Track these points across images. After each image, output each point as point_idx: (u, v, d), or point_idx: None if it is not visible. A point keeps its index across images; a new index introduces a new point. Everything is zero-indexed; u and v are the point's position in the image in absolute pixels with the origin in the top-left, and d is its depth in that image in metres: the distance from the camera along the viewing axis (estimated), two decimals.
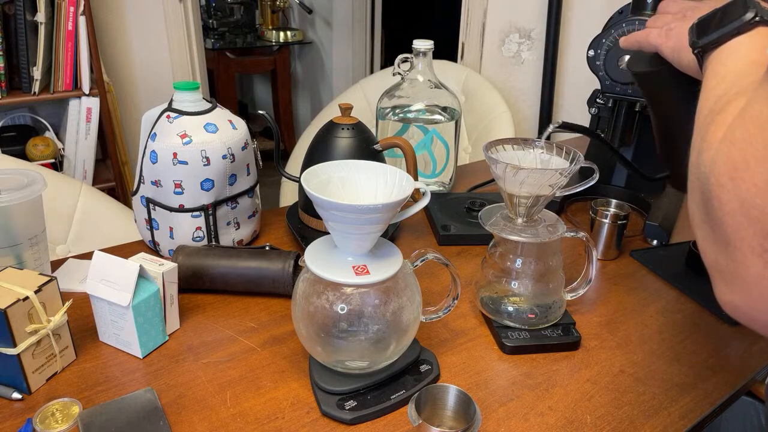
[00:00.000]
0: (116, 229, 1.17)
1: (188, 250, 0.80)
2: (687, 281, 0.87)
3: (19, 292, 0.60)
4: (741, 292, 0.35)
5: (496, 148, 0.71)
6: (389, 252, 0.61)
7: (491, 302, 0.75)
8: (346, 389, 0.62)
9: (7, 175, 0.76)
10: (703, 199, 0.36)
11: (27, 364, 0.61)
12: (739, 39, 0.44)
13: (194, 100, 0.84)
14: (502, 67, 1.98)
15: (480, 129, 1.73)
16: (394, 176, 0.61)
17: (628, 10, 0.99)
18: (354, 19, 3.23)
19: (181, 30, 2.12)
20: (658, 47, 0.59)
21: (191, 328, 0.74)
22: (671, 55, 0.57)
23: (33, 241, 0.76)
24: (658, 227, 0.98)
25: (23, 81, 1.77)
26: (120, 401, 0.61)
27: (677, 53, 0.55)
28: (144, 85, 2.14)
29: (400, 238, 0.99)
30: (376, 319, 0.59)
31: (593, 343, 0.74)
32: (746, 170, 0.32)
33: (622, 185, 1.12)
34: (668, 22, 0.58)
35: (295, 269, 0.78)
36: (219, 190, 0.84)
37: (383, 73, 1.97)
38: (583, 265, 0.74)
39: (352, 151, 0.88)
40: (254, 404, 0.63)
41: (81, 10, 1.75)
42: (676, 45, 0.55)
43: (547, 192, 0.67)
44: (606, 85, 1.02)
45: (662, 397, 0.66)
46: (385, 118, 1.09)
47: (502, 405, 0.64)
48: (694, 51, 0.48)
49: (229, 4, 3.48)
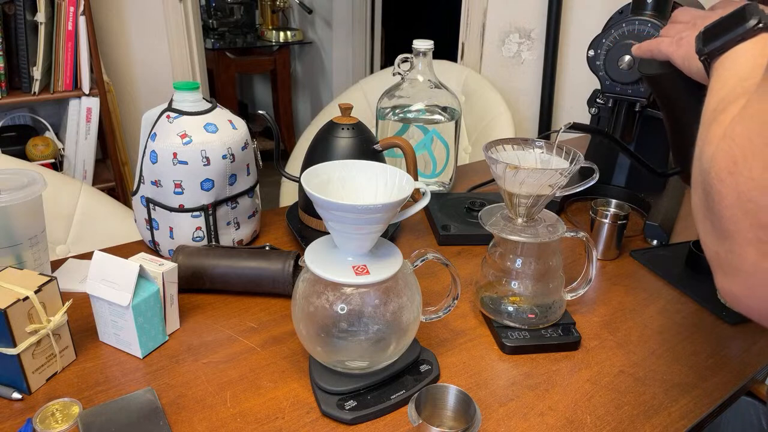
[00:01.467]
0: (116, 229, 1.17)
1: (188, 250, 0.80)
2: (687, 281, 0.87)
3: (19, 292, 0.60)
4: (739, 282, 0.36)
5: (496, 148, 0.71)
6: (389, 252, 0.61)
7: (491, 302, 0.75)
8: (346, 389, 0.62)
9: (7, 175, 0.76)
10: (705, 193, 0.38)
11: (27, 364, 0.61)
12: (743, 45, 0.46)
13: (194, 100, 0.84)
14: (502, 67, 1.98)
15: (480, 129, 1.73)
16: (394, 176, 0.61)
17: (628, 10, 0.99)
18: (354, 19, 3.23)
19: (181, 30, 2.12)
20: (670, 56, 0.60)
21: (191, 328, 0.74)
22: (682, 63, 0.59)
23: (33, 241, 0.76)
24: (658, 227, 0.98)
25: (23, 81, 1.77)
26: (120, 401, 0.60)
27: (687, 61, 0.57)
28: (144, 85, 2.14)
29: (400, 238, 0.99)
30: (376, 319, 0.59)
31: (593, 343, 0.74)
32: (744, 164, 0.34)
33: (622, 185, 1.12)
34: (680, 31, 0.60)
35: (295, 269, 0.78)
36: (219, 190, 0.84)
37: (383, 73, 1.97)
38: (583, 265, 0.74)
39: (352, 151, 0.88)
40: (254, 404, 0.63)
41: (81, 10, 1.75)
42: (687, 53, 0.57)
43: (547, 192, 0.67)
44: (606, 85, 1.02)
45: (662, 397, 0.66)
46: (385, 118, 1.09)
47: (502, 405, 0.64)
48: (700, 58, 0.50)
49: (229, 4, 3.48)
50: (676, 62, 0.60)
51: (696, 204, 0.40)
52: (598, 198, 0.97)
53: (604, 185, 1.13)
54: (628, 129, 1.05)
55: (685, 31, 0.59)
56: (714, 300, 0.82)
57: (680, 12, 0.63)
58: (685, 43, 0.58)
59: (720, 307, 0.81)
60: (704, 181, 0.38)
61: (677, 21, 0.63)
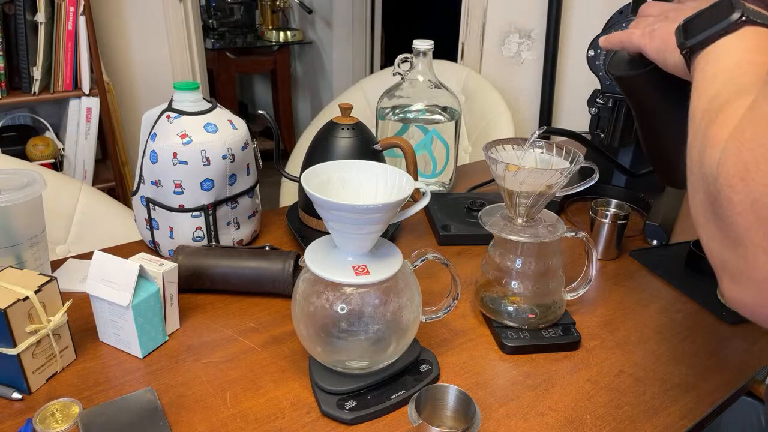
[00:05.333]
0: (116, 229, 1.17)
1: (188, 250, 0.80)
2: (687, 281, 0.87)
3: (19, 292, 0.60)
4: (750, 290, 0.35)
5: (496, 148, 0.71)
6: (389, 252, 0.61)
7: (491, 302, 0.75)
8: (346, 389, 0.62)
9: (7, 175, 0.76)
10: (709, 199, 0.37)
11: (27, 364, 0.61)
12: (726, 39, 0.45)
13: (194, 100, 0.84)
14: (502, 67, 1.98)
15: (480, 129, 1.73)
16: (394, 176, 0.61)
17: (628, 10, 0.99)
18: (354, 19, 3.23)
19: (181, 30, 2.12)
20: (642, 48, 0.58)
21: (191, 328, 0.74)
22: (656, 56, 0.57)
23: (33, 241, 0.76)
24: (658, 227, 0.98)
25: (23, 81, 1.77)
26: (120, 401, 0.60)
27: (662, 54, 0.55)
28: (144, 85, 2.14)
29: (400, 238, 0.99)
30: (376, 319, 0.59)
31: (593, 343, 0.74)
32: (757, 171, 0.33)
33: (622, 185, 1.12)
34: (650, 24, 0.58)
35: (295, 269, 0.78)
36: (219, 190, 0.84)
37: (383, 73, 1.97)
38: (583, 265, 0.74)
39: (352, 151, 0.88)
40: (254, 404, 0.63)
41: (81, 10, 1.75)
42: (661, 46, 0.55)
43: (547, 192, 0.67)
44: (606, 85, 1.02)
45: (662, 397, 0.66)
46: (385, 118, 1.09)
47: (502, 405, 0.64)
48: (682, 52, 0.49)
49: (229, 4, 3.48)
50: (649, 55, 0.57)
51: (696, 208, 0.39)
52: (598, 198, 0.97)
53: (604, 185, 1.13)
54: (628, 129, 1.05)
55: (656, 23, 0.57)
56: (714, 300, 0.82)
57: (649, 5, 0.61)
58: (659, 36, 0.55)
59: (720, 307, 0.81)
60: (709, 186, 0.37)
61: (646, 14, 0.61)
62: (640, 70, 0.61)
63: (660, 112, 0.65)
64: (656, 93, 0.63)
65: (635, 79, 0.64)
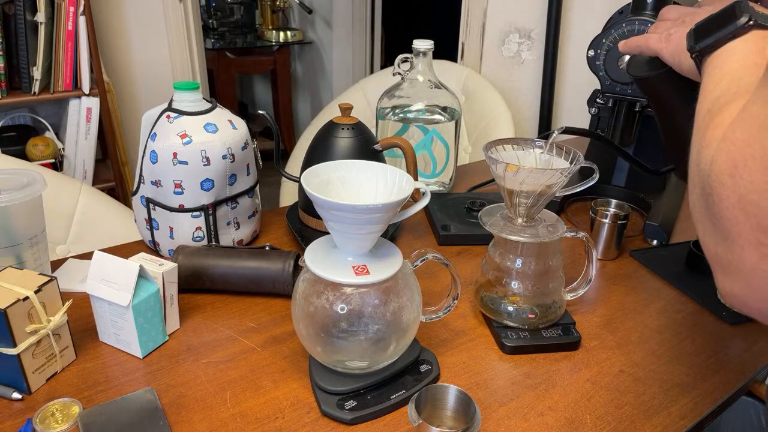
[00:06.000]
0: (116, 229, 1.17)
1: (188, 250, 0.80)
2: (687, 281, 0.87)
3: (19, 292, 0.60)
4: (739, 283, 0.37)
5: (496, 148, 0.71)
6: (389, 252, 0.61)
7: (491, 302, 0.75)
8: (346, 389, 0.62)
9: (7, 175, 0.76)
10: (704, 194, 0.38)
11: (27, 364, 0.61)
12: (734, 42, 0.46)
13: (194, 100, 0.84)
14: (502, 67, 1.98)
15: (480, 129, 1.73)
16: (394, 176, 0.61)
17: (628, 10, 0.99)
18: (354, 19, 3.23)
19: (181, 30, 2.12)
20: (659, 52, 0.60)
21: (191, 328, 0.74)
22: (671, 60, 0.59)
23: (33, 241, 0.76)
24: (658, 227, 0.98)
25: (23, 81, 1.77)
26: (120, 401, 0.61)
27: (677, 57, 0.57)
28: (144, 85, 2.14)
29: (400, 238, 0.99)
30: (376, 319, 0.59)
31: (593, 343, 0.74)
32: (744, 168, 0.34)
33: (622, 185, 1.12)
34: (668, 28, 0.60)
35: (295, 269, 0.78)
36: (219, 190, 0.84)
37: (383, 73, 1.97)
38: (583, 265, 0.74)
39: (352, 151, 0.88)
40: (254, 404, 0.63)
41: (81, 10, 1.75)
42: (676, 50, 0.57)
43: (547, 192, 0.67)
44: (606, 85, 1.02)
45: (662, 397, 0.66)
46: (385, 118, 1.09)
47: (502, 405, 0.64)
48: (692, 55, 0.50)
49: (229, 4, 3.48)
50: (665, 58, 0.60)
51: (694, 203, 0.41)
52: (598, 198, 0.97)
53: (604, 185, 1.13)
54: (628, 129, 1.05)
55: (673, 27, 0.59)
56: (714, 300, 0.82)
57: (668, 9, 0.63)
58: (674, 40, 0.57)
59: (720, 307, 0.81)
60: (704, 183, 0.38)
61: (665, 18, 0.63)
62: (658, 71, 0.63)
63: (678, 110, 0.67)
64: (674, 93, 0.65)
65: (653, 80, 0.65)
